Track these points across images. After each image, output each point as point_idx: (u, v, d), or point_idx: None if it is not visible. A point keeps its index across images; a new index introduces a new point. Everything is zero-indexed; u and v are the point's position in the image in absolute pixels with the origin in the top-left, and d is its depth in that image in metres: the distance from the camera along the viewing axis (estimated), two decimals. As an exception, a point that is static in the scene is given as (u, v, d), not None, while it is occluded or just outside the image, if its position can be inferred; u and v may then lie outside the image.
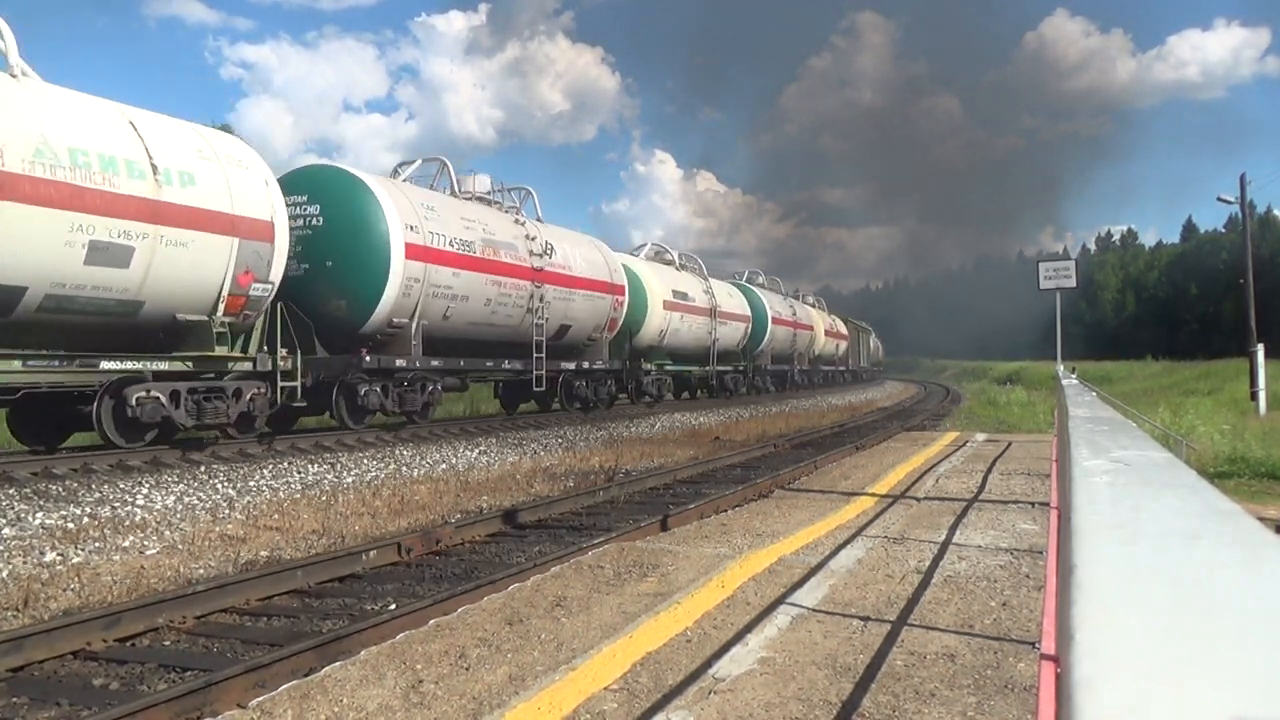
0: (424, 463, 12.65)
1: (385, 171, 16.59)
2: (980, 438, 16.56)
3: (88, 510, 8.45)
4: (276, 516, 8.93)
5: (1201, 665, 0.53)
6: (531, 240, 17.77)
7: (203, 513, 8.90)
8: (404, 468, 12.18)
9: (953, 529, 7.25)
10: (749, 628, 4.52)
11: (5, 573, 6.62)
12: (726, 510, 8.99)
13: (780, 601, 5.01)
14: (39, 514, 8.12)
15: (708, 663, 3.99)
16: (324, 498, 9.97)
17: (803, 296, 44.36)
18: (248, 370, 12.14)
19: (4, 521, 7.80)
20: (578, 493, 10.90)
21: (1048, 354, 36.23)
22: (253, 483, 10.26)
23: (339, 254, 13.95)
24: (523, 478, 12.19)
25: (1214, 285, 77.13)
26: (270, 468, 11.06)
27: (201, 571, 7.05)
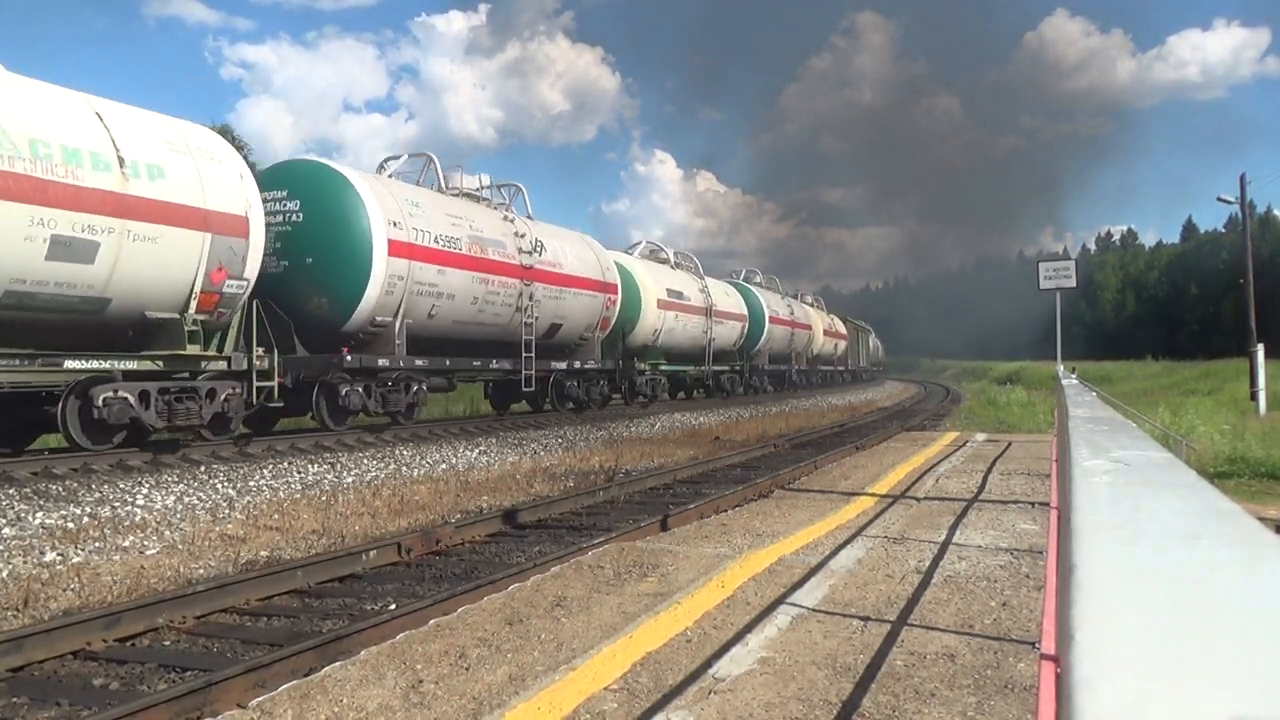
0: (424, 463, 12.65)
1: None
2: (980, 438, 16.57)
3: (88, 510, 8.45)
4: (276, 516, 8.93)
5: (1201, 665, 0.53)
6: (521, 237, 17.45)
7: (203, 513, 8.90)
8: (404, 468, 12.18)
9: (953, 529, 7.25)
10: (749, 628, 4.52)
11: (5, 573, 6.62)
12: (726, 510, 9.00)
13: (780, 601, 5.02)
14: (39, 514, 8.12)
15: (708, 663, 3.99)
16: (324, 498, 9.97)
17: (801, 296, 44.23)
18: (222, 370, 11.81)
19: (4, 521, 7.80)
20: (578, 493, 10.90)
21: (1048, 354, 36.25)
22: (253, 483, 10.26)
23: (319, 251, 13.63)
24: (523, 478, 12.20)
25: (1214, 285, 77.20)
26: (270, 468, 11.06)
27: (201, 571, 7.05)
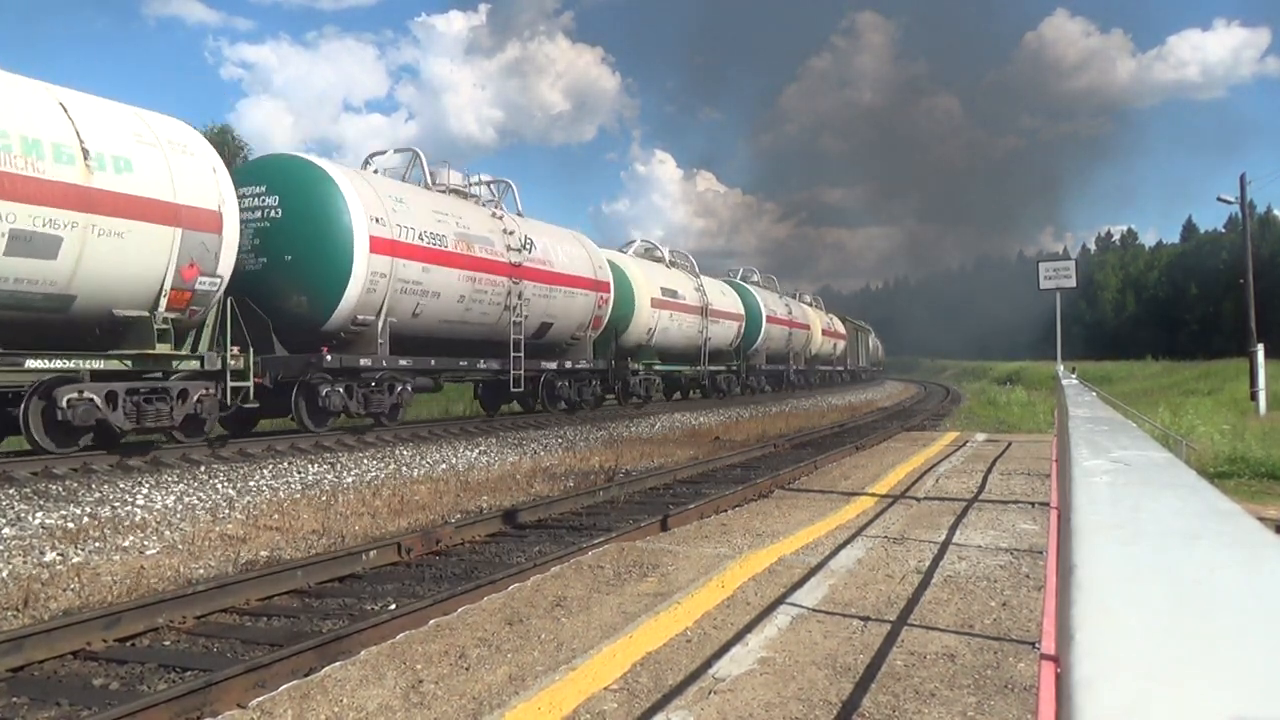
0: (424, 463, 12.65)
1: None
2: (980, 438, 16.57)
3: (88, 510, 8.45)
4: (276, 516, 8.94)
5: (1201, 665, 0.53)
6: (510, 234, 17.09)
7: (203, 513, 8.90)
8: (404, 468, 12.18)
9: (953, 529, 7.25)
10: (749, 628, 4.52)
11: (5, 573, 6.62)
12: (726, 510, 9.00)
13: (780, 601, 5.02)
14: (39, 514, 8.12)
15: (708, 663, 3.99)
16: (324, 498, 9.97)
17: (800, 295, 44.13)
18: (195, 370, 11.45)
19: (4, 521, 7.80)
20: (578, 493, 10.90)
21: (1048, 354, 36.24)
22: (253, 483, 10.26)
23: (299, 247, 13.28)
24: (523, 478, 12.20)
25: (1214, 285, 77.20)
26: (270, 468, 11.06)
27: (201, 571, 7.05)
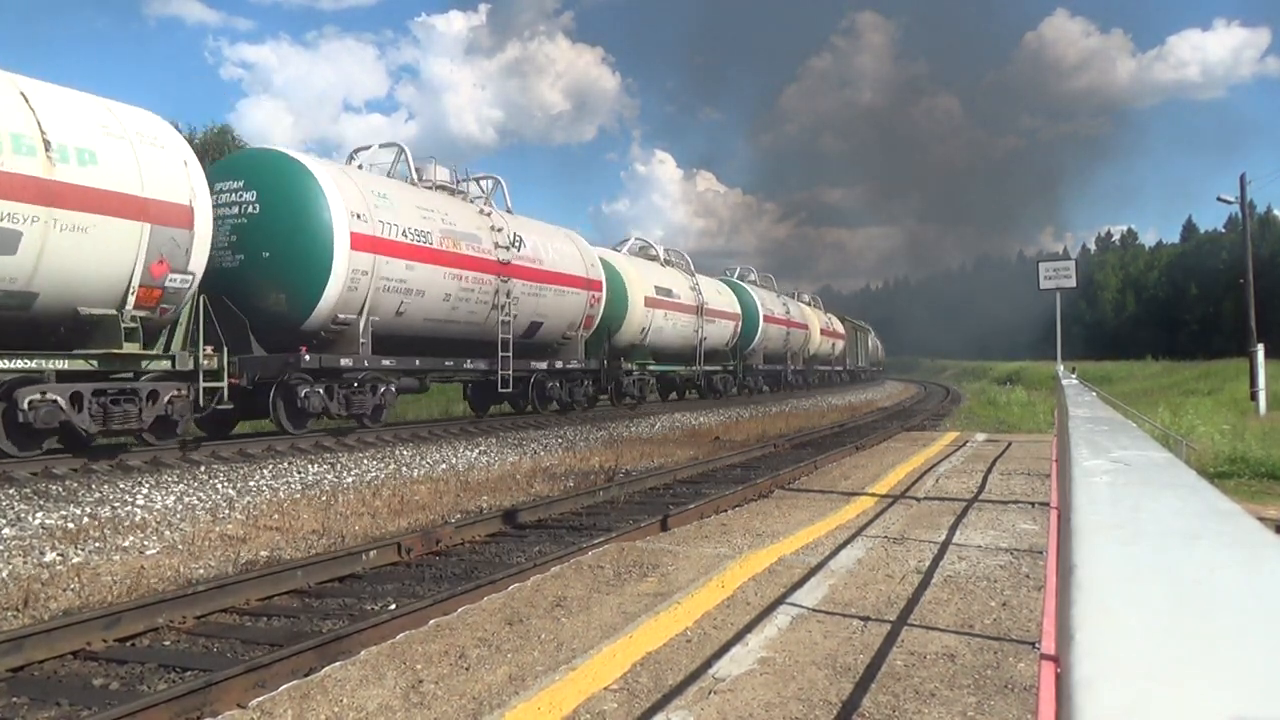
0: (424, 463, 12.65)
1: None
2: (980, 438, 16.57)
3: (88, 510, 8.45)
4: (276, 516, 8.94)
5: (1201, 665, 0.53)
6: (498, 231, 16.71)
7: (203, 513, 8.90)
8: (404, 468, 12.19)
9: (953, 529, 7.25)
10: (749, 628, 4.52)
11: (5, 573, 6.62)
12: (726, 510, 9.00)
13: (780, 601, 5.02)
14: (39, 514, 8.12)
15: (708, 663, 3.99)
16: (324, 498, 9.97)
17: (798, 295, 44.05)
18: (166, 370, 11.04)
19: (4, 521, 7.80)
20: (578, 493, 10.90)
21: (1048, 354, 36.24)
22: (253, 483, 10.26)
23: (277, 244, 12.89)
24: (523, 478, 12.20)
25: (1214, 285, 77.19)
26: (270, 468, 11.06)
27: (201, 571, 7.05)
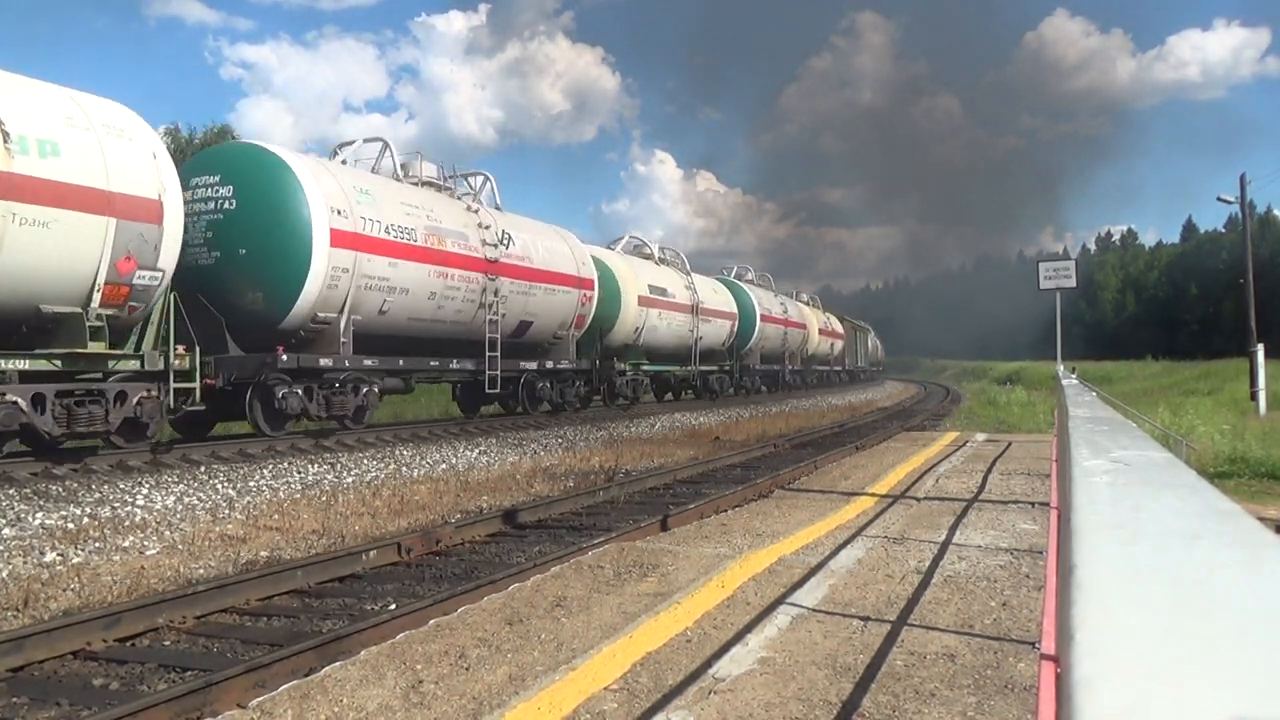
0: (424, 463, 12.66)
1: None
2: (980, 438, 16.57)
3: (88, 510, 8.45)
4: (276, 516, 8.94)
5: (1201, 665, 0.53)
6: (485, 229, 16.38)
7: (203, 513, 8.90)
8: (404, 468, 12.19)
9: (953, 529, 7.25)
10: (749, 628, 4.52)
11: (5, 573, 6.63)
12: (726, 510, 9.00)
13: (780, 601, 5.02)
14: (39, 514, 8.12)
15: (708, 663, 3.99)
16: (324, 498, 9.97)
17: (797, 295, 43.95)
18: (135, 370, 10.62)
19: (4, 521, 7.81)
20: (578, 493, 10.90)
21: (1048, 354, 36.24)
22: (253, 483, 10.26)
23: (254, 241, 12.49)
24: (523, 478, 12.20)
25: (1214, 285, 77.21)
26: (270, 468, 11.06)
27: (201, 571, 7.05)
